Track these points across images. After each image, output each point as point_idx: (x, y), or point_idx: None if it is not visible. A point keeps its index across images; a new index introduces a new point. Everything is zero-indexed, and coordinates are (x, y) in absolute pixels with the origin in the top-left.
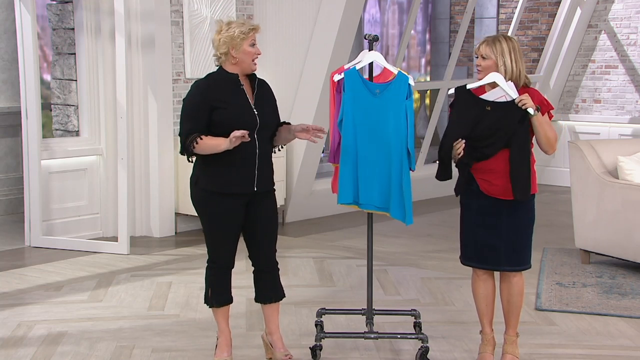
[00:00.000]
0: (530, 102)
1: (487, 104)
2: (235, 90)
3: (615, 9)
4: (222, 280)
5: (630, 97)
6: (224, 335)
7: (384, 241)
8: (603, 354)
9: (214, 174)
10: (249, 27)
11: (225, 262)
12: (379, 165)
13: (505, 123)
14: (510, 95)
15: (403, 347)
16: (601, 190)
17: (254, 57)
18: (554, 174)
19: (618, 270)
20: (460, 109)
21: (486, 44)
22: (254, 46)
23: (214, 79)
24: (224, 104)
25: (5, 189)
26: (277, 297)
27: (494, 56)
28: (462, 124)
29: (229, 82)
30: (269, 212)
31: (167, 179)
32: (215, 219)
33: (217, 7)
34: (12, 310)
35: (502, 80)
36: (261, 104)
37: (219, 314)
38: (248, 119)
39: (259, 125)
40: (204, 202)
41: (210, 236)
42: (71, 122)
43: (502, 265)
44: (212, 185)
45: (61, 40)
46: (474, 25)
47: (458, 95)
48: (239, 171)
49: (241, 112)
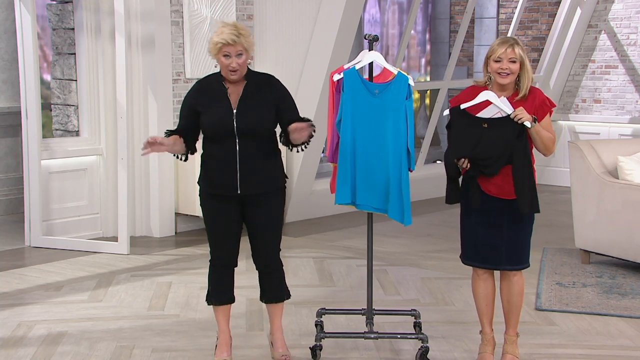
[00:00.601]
0: (525, 115)
1: (484, 121)
2: (219, 93)
3: (615, 9)
4: (223, 278)
5: (630, 97)
6: (224, 335)
7: (384, 241)
8: (603, 354)
9: (205, 174)
10: (219, 40)
11: (224, 261)
12: (377, 166)
13: (504, 139)
14: (505, 111)
15: (403, 347)
16: (601, 190)
17: (230, 69)
18: (554, 174)
19: (618, 270)
20: (459, 129)
21: (515, 46)
22: (228, 58)
23: (206, 81)
24: (205, 108)
25: (5, 189)
26: (277, 297)
27: (521, 58)
28: (461, 143)
29: (215, 84)
30: (268, 213)
31: (167, 179)
32: (209, 218)
33: (217, 7)
34: (12, 310)
35: (495, 98)
36: (247, 108)
37: (219, 313)
38: (224, 123)
39: (236, 129)
40: (201, 199)
41: (209, 233)
42: (71, 122)
43: (502, 265)
44: (203, 185)
45: (61, 40)
46: (474, 25)
47: (453, 116)
48: (220, 174)
49: (217, 116)
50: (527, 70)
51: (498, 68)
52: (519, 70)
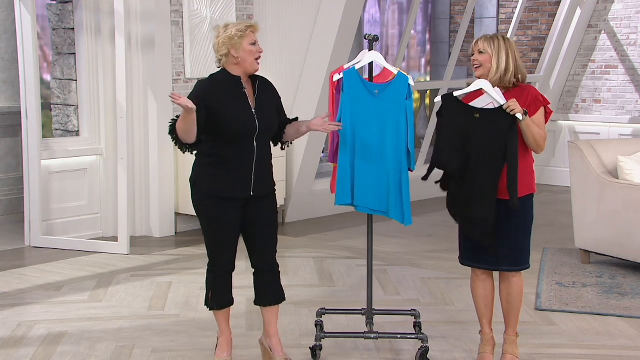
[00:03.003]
0: (518, 107)
1: (476, 111)
2: (237, 93)
3: (615, 9)
4: (223, 283)
5: (630, 97)
6: (225, 336)
7: (384, 241)
8: (603, 354)
9: (211, 176)
10: (245, 25)
11: (225, 266)
12: (377, 166)
13: (496, 129)
14: (497, 101)
15: (403, 347)
16: (601, 190)
17: (256, 56)
18: (554, 174)
19: (618, 270)
20: (449, 117)
21: (484, 39)
22: (254, 45)
23: (218, 80)
24: (224, 107)
25: (5, 189)
26: (276, 299)
27: (490, 51)
28: (450, 131)
29: (231, 84)
30: (267, 214)
31: (167, 179)
32: (212, 222)
33: (217, 7)
34: (12, 310)
35: (490, 87)
36: (262, 107)
37: (220, 316)
38: (247, 125)
39: (258, 131)
40: (201, 204)
41: (209, 239)
42: (71, 122)
43: (501, 266)
44: (208, 188)
45: (61, 40)
46: (474, 25)
47: (445, 103)
48: (235, 175)
49: (240, 117)
50: (501, 64)
51: (472, 60)
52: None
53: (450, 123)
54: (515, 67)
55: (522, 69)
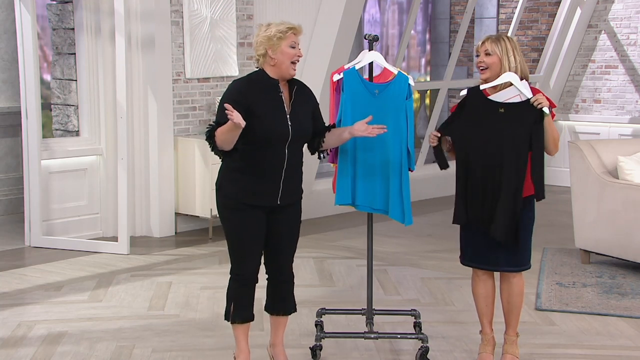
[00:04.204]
0: (545, 101)
1: (500, 105)
2: (274, 97)
3: (615, 9)
4: (246, 294)
5: (630, 97)
6: (243, 355)
7: (384, 241)
8: (603, 354)
9: (238, 182)
10: (287, 27)
11: (250, 275)
12: (377, 166)
13: (523, 123)
14: (525, 95)
15: (403, 347)
16: (601, 190)
17: (293, 59)
18: (554, 174)
19: (618, 270)
20: (472, 108)
21: (491, 41)
22: (294, 48)
23: (254, 81)
24: (261, 110)
25: (5, 189)
26: (285, 310)
27: (499, 52)
28: (470, 122)
29: (269, 86)
30: (291, 223)
31: (167, 179)
32: (237, 229)
33: (217, 7)
34: (12, 310)
35: (518, 80)
36: (297, 113)
37: (240, 331)
38: (280, 132)
39: (290, 137)
40: (226, 209)
41: (233, 246)
42: (71, 122)
43: (501, 266)
44: (234, 194)
45: (61, 40)
46: (474, 25)
47: (471, 95)
48: (264, 183)
49: (274, 121)
50: (512, 65)
51: (477, 62)
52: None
53: (471, 114)
54: (522, 67)
55: (526, 70)
